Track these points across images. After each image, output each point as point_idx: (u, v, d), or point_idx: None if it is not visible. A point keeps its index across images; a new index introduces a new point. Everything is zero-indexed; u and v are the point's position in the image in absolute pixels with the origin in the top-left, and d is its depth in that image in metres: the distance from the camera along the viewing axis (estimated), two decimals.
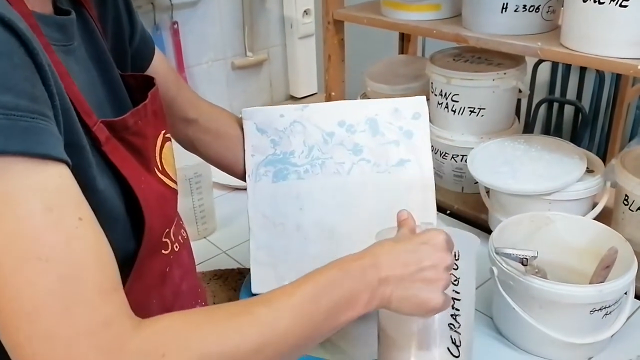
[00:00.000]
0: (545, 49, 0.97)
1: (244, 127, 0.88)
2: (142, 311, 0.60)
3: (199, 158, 1.14)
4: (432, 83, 1.27)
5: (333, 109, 0.87)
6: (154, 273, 0.64)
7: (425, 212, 0.85)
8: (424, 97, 0.89)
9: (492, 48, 1.05)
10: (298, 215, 0.84)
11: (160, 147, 0.67)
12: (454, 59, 1.28)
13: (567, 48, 0.95)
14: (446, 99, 1.23)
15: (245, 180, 0.88)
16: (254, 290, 0.80)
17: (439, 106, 1.26)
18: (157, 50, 0.81)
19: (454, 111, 1.24)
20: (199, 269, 1.09)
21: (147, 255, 0.62)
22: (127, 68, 0.73)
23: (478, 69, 1.21)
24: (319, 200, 0.85)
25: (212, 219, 1.23)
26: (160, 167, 0.66)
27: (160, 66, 0.81)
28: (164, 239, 0.65)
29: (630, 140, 2.36)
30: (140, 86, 0.69)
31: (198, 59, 1.65)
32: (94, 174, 0.54)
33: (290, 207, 0.84)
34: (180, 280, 0.69)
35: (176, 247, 0.68)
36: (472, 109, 1.22)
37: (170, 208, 0.68)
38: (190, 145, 0.91)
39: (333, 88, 1.42)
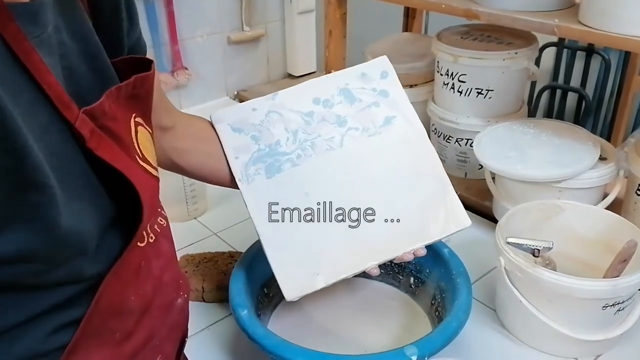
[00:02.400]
0: (563, 27, 0.92)
1: (218, 132, 0.82)
2: (121, 308, 0.56)
3: None
4: (438, 62, 1.21)
5: (303, 90, 0.84)
6: (130, 268, 0.59)
7: (430, 163, 0.81)
8: (385, 56, 0.87)
9: (506, 25, 0.99)
10: (306, 202, 0.78)
11: (135, 132, 0.61)
12: (461, 37, 1.22)
13: (586, 26, 0.90)
14: (452, 79, 1.18)
15: (233, 187, 0.82)
16: (289, 298, 0.74)
17: (445, 87, 1.20)
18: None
19: (460, 92, 1.18)
20: (188, 251, 1.05)
21: (127, 251, 0.57)
22: (123, 53, 0.66)
23: (487, 48, 1.15)
24: (322, 181, 0.80)
25: (203, 199, 1.18)
26: (140, 153, 0.60)
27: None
28: (142, 231, 0.60)
29: (633, 130, 2.31)
30: (133, 70, 0.63)
31: (192, 32, 1.58)
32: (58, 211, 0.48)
33: (295, 196, 0.78)
34: (160, 271, 0.64)
35: (151, 238, 0.63)
36: (479, 90, 1.16)
37: (156, 198, 0.63)
38: (167, 160, 0.83)
39: (333, 65, 1.36)
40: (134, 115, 0.62)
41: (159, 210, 0.68)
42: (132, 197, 0.56)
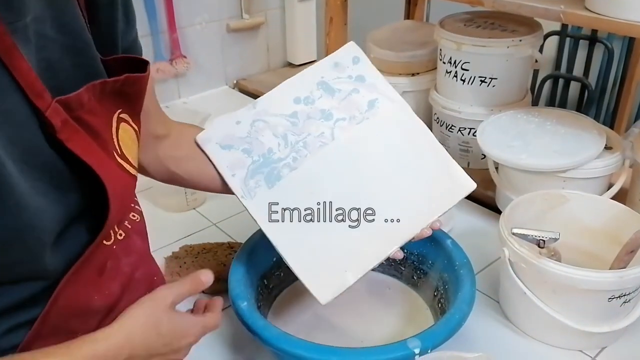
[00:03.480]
0: (569, 13, 0.89)
1: (208, 153, 0.80)
2: (82, 308, 0.55)
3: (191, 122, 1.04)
4: (440, 50, 1.19)
5: (282, 92, 0.82)
6: (92, 267, 0.57)
7: (424, 137, 0.81)
8: (353, 42, 0.86)
9: (511, 11, 0.97)
10: (313, 202, 0.77)
11: (116, 128, 0.59)
12: (465, 25, 1.20)
13: (592, 12, 0.88)
14: (455, 67, 1.16)
15: (230, 193, 0.80)
16: (324, 301, 0.72)
17: (447, 75, 1.18)
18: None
19: (463, 80, 1.16)
20: (187, 241, 1.03)
21: (90, 249, 0.56)
22: (114, 50, 0.64)
23: (491, 35, 1.13)
24: (324, 177, 0.78)
25: None
26: (119, 150, 0.59)
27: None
28: (108, 230, 0.59)
29: (636, 119, 2.29)
30: (127, 70, 0.62)
31: (191, 19, 1.56)
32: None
33: (302, 199, 0.77)
34: (131, 269, 0.62)
35: (120, 235, 0.61)
36: (483, 79, 1.14)
37: (130, 197, 0.61)
38: (163, 169, 0.81)
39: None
40: (119, 111, 0.60)
41: (133, 206, 0.67)
42: (102, 193, 0.54)
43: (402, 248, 0.76)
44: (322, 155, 0.79)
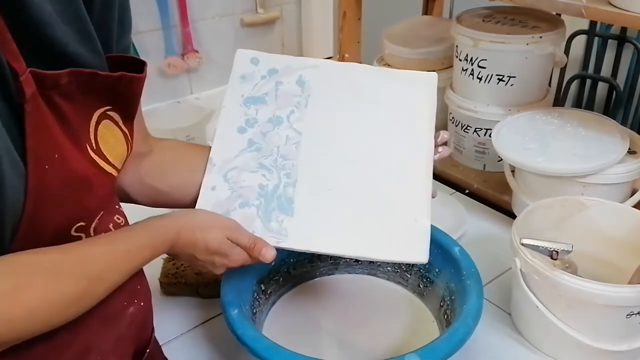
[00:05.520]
0: (591, 8, 0.84)
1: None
2: None
3: (193, 119, 1.02)
4: (457, 46, 1.14)
5: (223, 135, 0.78)
6: None
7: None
8: (238, 49, 0.84)
9: (530, 6, 0.92)
10: (334, 193, 0.74)
11: (96, 122, 0.56)
12: (483, 20, 1.15)
13: (616, 7, 0.82)
14: (472, 64, 1.11)
15: None
16: (425, 259, 0.70)
17: (463, 73, 1.13)
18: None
19: (480, 79, 1.11)
20: None
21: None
22: (109, 48, 0.61)
23: (510, 32, 1.08)
24: (326, 167, 0.76)
25: None
26: (94, 145, 0.55)
27: None
28: (74, 233, 0.55)
29: None
30: (128, 69, 0.59)
31: (204, 12, 1.52)
32: None
33: (326, 200, 0.74)
34: None
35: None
36: (500, 77, 1.09)
37: (95, 197, 0.56)
38: (147, 190, 0.76)
39: (347, 49, 1.30)
40: (106, 108, 0.57)
41: (116, 207, 0.63)
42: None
43: None
44: (305, 153, 0.76)
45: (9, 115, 0.47)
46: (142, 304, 0.64)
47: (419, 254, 0.70)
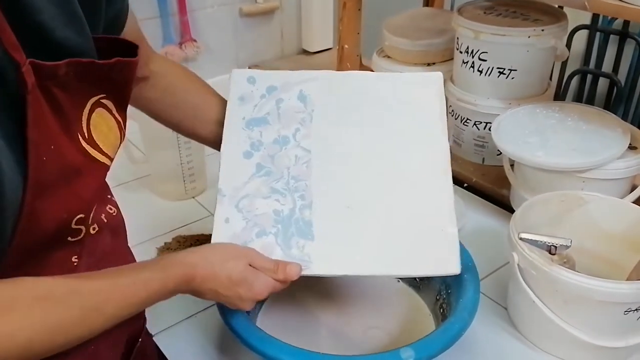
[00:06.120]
0: (594, 0, 0.82)
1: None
2: None
3: None
4: (457, 38, 1.13)
5: (229, 162, 0.75)
6: (53, 266, 0.53)
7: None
8: (233, 70, 0.82)
9: None
10: (350, 209, 0.72)
11: (89, 111, 0.55)
12: (484, 12, 1.14)
13: (620, 0, 0.81)
14: (472, 57, 1.09)
15: (200, 140, 0.82)
16: (459, 270, 0.69)
17: (464, 65, 1.12)
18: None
19: (481, 71, 1.10)
20: (182, 231, 0.99)
21: (39, 246, 0.51)
22: (98, 30, 0.59)
23: (512, 24, 1.06)
24: (341, 183, 0.73)
25: (202, 177, 1.12)
26: (86, 135, 0.54)
27: (131, 27, 0.69)
28: (75, 226, 0.54)
29: None
30: (117, 51, 0.57)
31: (202, 1, 1.51)
32: None
33: (344, 219, 0.71)
34: (90, 269, 0.57)
35: (94, 229, 0.56)
36: (501, 70, 1.08)
37: (89, 187, 0.55)
38: (138, 106, 0.78)
39: (346, 40, 1.28)
40: (100, 96, 0.56)
41: (109, 197, 0.62)
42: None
43: None
44: (317, 171, 0.74)
45: (6, 108, 0.46)
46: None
47: (452, 266, 0.69)
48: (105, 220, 0.59)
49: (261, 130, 0.76)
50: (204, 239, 0.94)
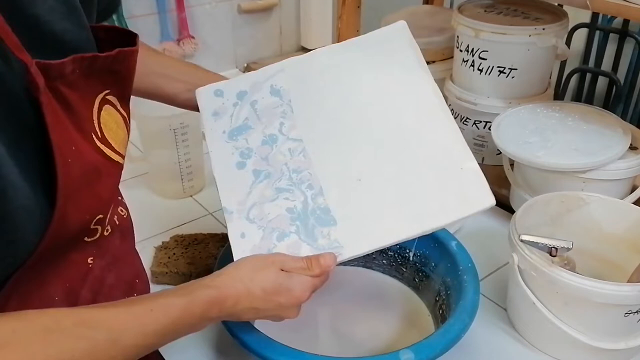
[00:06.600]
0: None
1: None
2: None
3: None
4: (457, 37, 1.12)
5: (224, 178, 0.72)
6: (69, 267, 0.51)
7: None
8: (198, 89, 0.78)
9: None
10: (361, 183, 0.69)
11: (98, 109, 0.53)
12: (485, 10, 1.13)
13: None
14: (473, 55, 1.08)
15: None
16: (494, 201, 0.65)
17: (464, 64, 1.11)
18: None
19: (481, 70, 1.09)
20: (180, 230, 0.99)
21: (60, 247, 0.49)
22: (91, 18, 0.58)
23: (512, 23, 1.06)
24: (345, 161, 0.70)
25: (200, 175, 1.11)
26: (99, 133, 0.53)
27: None
28: (93, 226, 0.53)
29: None
30: (113, 41, 0.56)
31: None
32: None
33: (356, 192, 0.68)
34: (102, 272, 0.56)
35: (107, 230, 0.55)
36: (501, 69, 1.07)
37: (107, 187, 0.54)
38: None
39: (345, 37, 1.26)
40: (105, 92, 0.54)
41: (120, 199, 0.61)
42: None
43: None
44: (315, 157, 0.71)
45: (24, 112, 0.45)
46: None
47: (486, 198, 0.65)
48: (117, 222, 0.59)
49: (246, 137, 0.73)
50: (202, 238, 0.93)
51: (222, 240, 0.93)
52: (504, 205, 1.06)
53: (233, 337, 0.66)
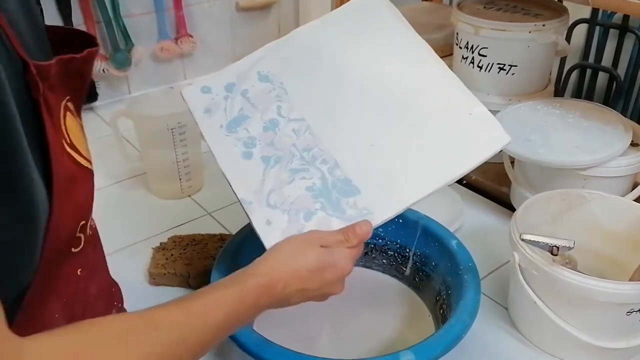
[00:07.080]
0: None
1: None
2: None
3: (184, 106, 0.98)
4: (457, 33, 1.12)
5: (232, 170, 0.71)
6: (63, 281, 0.51)
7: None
8: (181, 92, 0.78)
9: None
10: (373, 148, 0.70)
11: (63, 114, 0.52)
12: (484, 7, 1.12)
13: None
14: (472, 52, 1.08)
15: None
16: (508, 139, 0.68)
17: (464, 61, 1.10)
18: None
19: (480, 67, 1.08)
20: (178, 231, 0.98)
21: (55, 259, 0.49)
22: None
23: (512, 19, 1.05)
24: (355, 128, 0.71)
25: (199, 175, 1.10)
26: (68, 139, 0.52)
27: None
28: (78, 234, 0.52)
29: None
30: (65, 42, 0.54)
31: None
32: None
33: (370, 157, 0.69)
34: (86, 283, 0.55)
35: (85, 240, 0.55)
36: (501, 66, 1.06)
37: (83, 192, 0.53)
38: None
39: None
40: (67, 98, 0.53)
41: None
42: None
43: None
44: (321, 131, 0.71)
45: (26, 114, 0.44)
46: (120, 305, 0.62)
47: (500, 136, 0.68)
48: (90, 232, 0.58)
49: (246, 127, 0.73)
50: (201, 238, 0.92)
51: (220, 240, 0.92)
52: (504, 202, 1.05)
53: (231, 339, 0.65)
